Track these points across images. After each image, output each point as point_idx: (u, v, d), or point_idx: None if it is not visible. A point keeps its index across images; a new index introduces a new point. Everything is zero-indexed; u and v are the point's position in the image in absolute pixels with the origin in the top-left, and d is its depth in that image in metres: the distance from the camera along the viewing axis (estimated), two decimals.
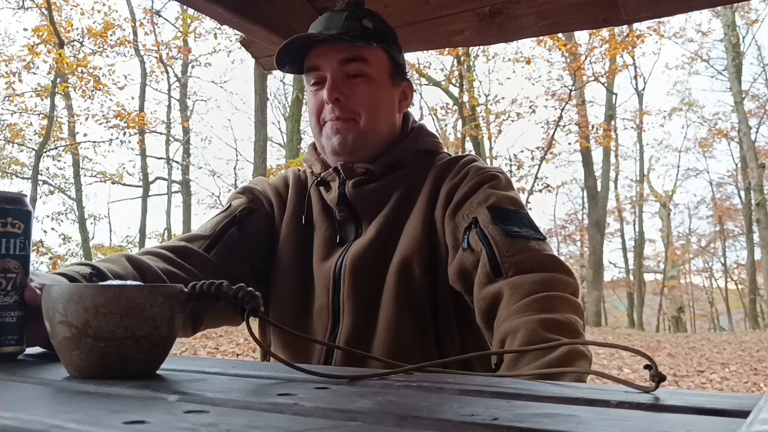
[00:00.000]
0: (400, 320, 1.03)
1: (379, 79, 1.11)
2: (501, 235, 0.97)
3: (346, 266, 1.07)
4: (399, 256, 1.06)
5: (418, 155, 1.16)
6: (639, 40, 13.34)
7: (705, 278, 23.98)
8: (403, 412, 0.41)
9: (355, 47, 1.08)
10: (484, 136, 14.62)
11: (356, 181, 1.11)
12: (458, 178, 1.09)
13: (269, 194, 1.22)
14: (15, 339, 0.68)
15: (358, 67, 1.09)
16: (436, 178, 1.11)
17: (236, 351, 7.07)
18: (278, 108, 18.36)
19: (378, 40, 1.10)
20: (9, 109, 14.24)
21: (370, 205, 1.12)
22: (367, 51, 1.10)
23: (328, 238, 1.14)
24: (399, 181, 1.12)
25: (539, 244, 0.98)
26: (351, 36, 1.07)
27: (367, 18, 1.11)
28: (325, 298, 1.09)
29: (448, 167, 1.12)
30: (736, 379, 7.05)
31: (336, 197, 1.13)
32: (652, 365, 0.53)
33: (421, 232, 1.06)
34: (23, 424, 0.35)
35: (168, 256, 1.05)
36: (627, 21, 1.58)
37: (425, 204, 1.08)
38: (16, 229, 0.69)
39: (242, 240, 1.13)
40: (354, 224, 1.14)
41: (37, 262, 13.71)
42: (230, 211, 1.16)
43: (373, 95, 1.10)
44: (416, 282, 1.04)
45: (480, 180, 1.06)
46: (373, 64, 1.10)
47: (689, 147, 23.65)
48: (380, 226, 1.09)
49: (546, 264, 0.95)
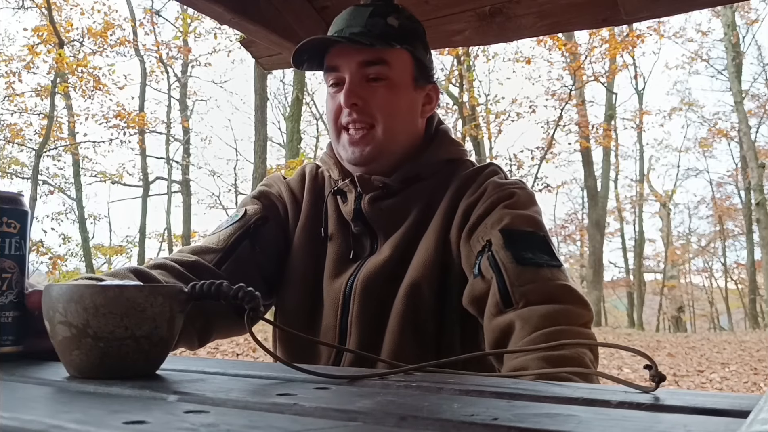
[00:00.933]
0: (403, 340, 1.00)
1: (400, 84, 1.05)
2: (512, 262, 0.92)
3: (357, 286, 1.03)
4: (410, 278, 1.01)
5: (439, 166, 1.10)
6: (639, 40, 13.36)
7: (705, 278, 23.98)
8: (403, 412, 0.40)
9: (375, 50, 1.02)
10: (484, 135, 14.62)
11: (372, 197, 1.07)
12: (476, 195, 1.03)
13: (284, 197, 1.17)
14: (11, 339, 0.68)
15: (379, 70, 1.03)
16: (454, 194, 1.05)
17: (236, 351, 7.07)
18: (278, 108, 18.37)
19: (402, 41, 1.04)
20: (9, 109, 14.27)
21: (387, 221, 1.07)
22: (390, 53, 1.04)
23: (341, 254, 1.09)
24: (418, 195, 1.07)
25: (552, 273, 0.93)
26: (372, 36, 1.01)
27: (393, 15, 1.05)
28: (333, 317, 1.06)
29: (468, 182, 1.06)
30: (736, 379, 7.05)
31: (351, 212, 1.08)
32: (652, 365, 0.53)
33: (433, 253, 1.02)
34: (23, 424, 0.35)
35: (179, 271, 1.01)
36: (627, 21, 1.58)
37: (441, 222, 1.04)
38: (12, 228, 0.69)
39: (254, 253, 1.09)
40: (369, 240, 1.09)
41: (36, 262, 13.73)
42: (244, 221, 1.11)
43: (394, 101, 1.05)
44: (424, 304, 1.01)
45: (496, 199, 1.01)
46: (395, 68, 1.04)
47: (689, 147, 23.66)
48: (395, 246, 1.05)
49: (557, 295, 0.90)
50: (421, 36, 1.10)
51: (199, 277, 1.01)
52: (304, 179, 1.19)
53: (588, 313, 0.91)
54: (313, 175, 1.19)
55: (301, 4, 1.71)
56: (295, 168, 9.03)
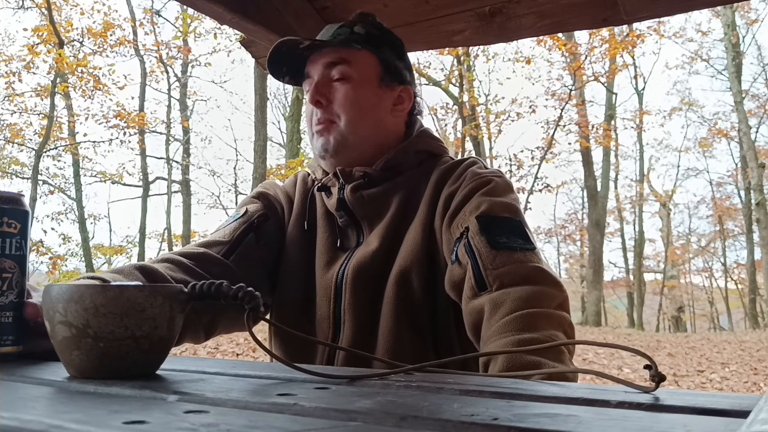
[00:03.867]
0: (398, 331, 1.02)
1: (363, 82, 1.10)
2: (486, 247, 0.95)
3: (348, 275, 1.06)
4: (398, 266, 1.04)
5: (419, 158, 1.14)
6: (639, 40, 13.35)
7: (705, 278, 23.99)
8: (403, 412, 0.40)
9: (338, 51, 1.10)
10: (484, 135, 14.63)
11: (354, 186, 1.10)
12: (456, 184, 1.07)
13: (281, 199, 1.22)
14: (11, 339, 0.68)
15: (341, 69, 1.09)
16: (436, 184, 1.09)
17: (236, 351, 7.07)
18: (278, 108, 18.39)
19: (366, 44, 1.10)
20: (9, 109, 14.26)
21: (371, 210, 1.11)
22: (353, 54, 1.10)
23: (329, 244, 1.13)
24: (400, 186, 1.11)
25: (525, 255, 0.95)
26: (337, 42, 1.09)
27: (360, 24, 1.12)
28: (327, 307, 1.08)
29: (449, 172, 1.10)
30: (736, 379, 7.06)
31: (335, 202, 1.12)
32: (652, 365, 0.53)
33: (420, 241, 1.05)
34: (23, 424, 0.35)
35: (186, 265, 1.02)
36: (627, 21, 1.58)
37: (425, 212, 1.07)
38: (12, 228, 0.69)
39: (259, 247, 1.13)
40: (355, 230, 1.13)
41: (36, 262, 13.73)
42: (248, 216, 1.15)
43: (356, 97, 1.09)
44: (415, 293, 1.03)
45: (474, 186, 1.04)
46: (357, 67, 1.10)
47: (689, 147, 23.71)
48: (381, 235, 1.08)
49: (531, 276, 0.92)
50: (393, 43, 1.16)
51: (206, 268, 1.04)
52: (296, 183, 1.25)
53: (561, 293, 0.93)
54: (304, 179, 1.25)
55: (301, 4, 1.71)
56: (295, 168, 9.01)
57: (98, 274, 0.92)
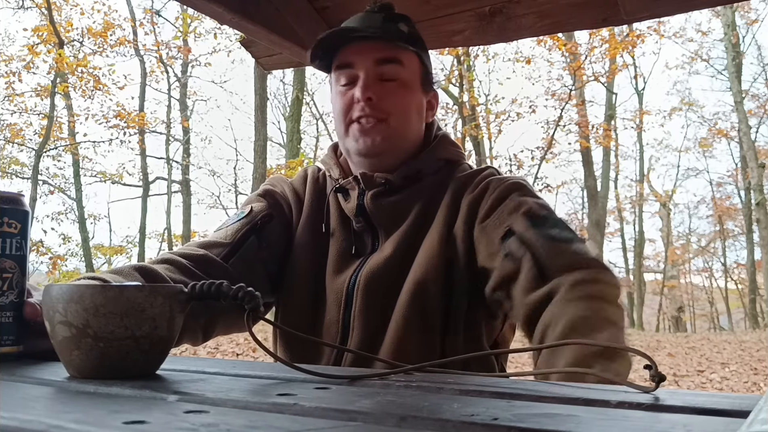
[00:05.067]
0: (407, 336, 1.01)
1: (411, 85, 1.10)
2: (543, 239, 0.96)
3: (361, 282, 1.05)
4: (414, 275, 1.03)
5: (439, 165, 1.13)
6: (639, 40, 13.35)
7: (705, 278, 23.97)
8: (403, 412, 0.40)
9: (393, 49, 1.07)
10: (484, 135, 14.61)
11: (375, 193, 1.09)
12: (479, 190, 1.06)
13: (288, 196, 1.19)
14: (11, 339, 0.68)
15: (393, 69, 1.07)
16: (455, 192, 1.08)
17: (236, 351, 7.07)
18: (278, 108, 18.34)
19: (413, 45, 1.09)
20: (9, 109, 14.26)
21: (389, 218, 1.09)
22: (404, 54, 1.08)
23: (343, 250, 1.11)
24: (418, 194, 1.10)
25: (581, 247, 0.97)
26: (388, 37, 1.06)
27: (403, 22, 1.10)
28: (336, 312, 1.07)
29: (468, 181, 1.10)
30: (736, 379, 7.05)
31: (354, 208, 1.10)
32: (652, 365, 0.53)
33: (438, 249, 1.04)
34: (23, 424, 0.35)
35: (186, 267, 1.01)
36: (627, 21, 1.58)
37: (444, 219, 1.06)
38: (13, 228, 0.69)
39: (261, 249, 1.10)
40: (371, 237, 1.11)
41: (36, 262, 13.73)
42: (251, 217, 1.12)
43: (406, 100, 1.09)
44: (430, 301, 1.02)
45: (505, 189, 1.05)
46: (407, 69, 1.09)
47: (689, 147, 23.69)
48: (397, 243, 1.07)
49: (591, 265, 0.94)
50: (425, 46, 1.14)
51: (206, 271, 1.02)
52: (306, 179, 1.21)
53: (618, 282, 0.95)
54: (315, 176, 1.21)
55: (301, 4, 1.71)
56: (296, 168, 8.94)
57: (98, 275, 0.92)
